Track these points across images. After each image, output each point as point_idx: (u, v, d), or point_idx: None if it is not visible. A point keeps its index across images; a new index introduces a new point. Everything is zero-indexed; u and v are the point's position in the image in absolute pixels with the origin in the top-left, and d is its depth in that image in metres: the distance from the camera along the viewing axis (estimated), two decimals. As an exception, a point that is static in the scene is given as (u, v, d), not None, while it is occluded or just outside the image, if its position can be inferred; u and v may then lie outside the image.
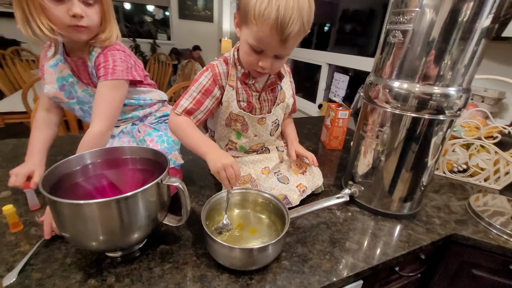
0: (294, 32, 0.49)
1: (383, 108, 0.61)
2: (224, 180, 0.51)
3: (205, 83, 0.59)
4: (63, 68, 0.64)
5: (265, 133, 0.69)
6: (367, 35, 2.50)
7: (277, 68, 0.58)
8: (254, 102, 0.64)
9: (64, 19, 0.53)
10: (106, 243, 0.44)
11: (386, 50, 0.59)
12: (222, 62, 0.61)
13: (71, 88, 0.65)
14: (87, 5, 0.55)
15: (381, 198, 0.66)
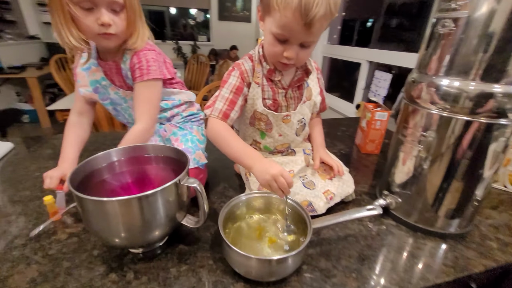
0: (320, 15, 0.46)
1: (427, 109, 0.53)
2: (277, 191, 0.49)
3: (234, 82, 0.58)
4: (96, 71, 0.66)
5: (290, 132, 0.65)
6: (416, 29, 2.27)
7: (303, 58, 0.55)
8: (280, 100, 0.61)
9: (93, 27, 0.55)
10: (127, 240, 0.45)
11: (433, 43, 0.51)
12: (248, 60, 0.60)
13: (104, 90, 0.69)
14: (114, 13, 0.56)
15: (423, 212, 0.58)
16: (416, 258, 0.52)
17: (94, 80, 0.67)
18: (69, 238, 0.53)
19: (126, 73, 0.65)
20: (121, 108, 0.71)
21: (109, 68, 0.66)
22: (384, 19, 2.54)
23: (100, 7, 0.54)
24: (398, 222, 0.61)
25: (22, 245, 0.51)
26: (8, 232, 0.54)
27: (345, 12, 2.68)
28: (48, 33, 4.17)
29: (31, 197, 0.65)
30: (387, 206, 0.62)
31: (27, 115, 3.37)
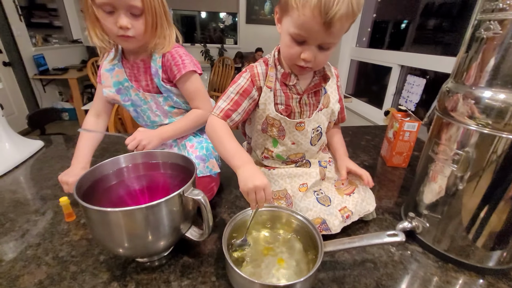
0: (341, 14, 0.42)
1: (464, 124, 0.46)
2: (252, 202, 0.46)
3: (243, 83, 0.56)
4: (119, 73, 0.68)
5: (304, 141, 0.60)
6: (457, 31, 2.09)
7: (322, 61, 0.52)
8: (293, 106, 0.57)
9: (113, 29, 0.57)
10: (130, 250, 0.44)
11: (473, 48, 0.44)
12: (262, 63, 0.58)
13: (126, 91, 0.70)
14: (133, 17, 0.58)
15: (456, 240, 0.51)
16: (445, 294, 0.45)
17: (117, 81, 0.68)
18: (80, 240, 0.54)
19: (156, 71, 0.66)
20: (140, 109, 0.72)
21: (136, 67, 0.68)
22: (420, 20, 2.37)
23: (119, 11, 0.56)
24: (425, 249, 0.54)
25: (36, 245, 0.53)
26: (25, 230, 0.57)
27: (376, 14, 2.55)
28: (88, 37, 4.50)
29: (51, 196, 0.68)
30: (412, 229, 0.55)
31: (67, 113, 3.65)
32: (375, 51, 2.36)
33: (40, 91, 3.48)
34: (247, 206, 0.65)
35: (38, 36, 3.57)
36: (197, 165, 0.64)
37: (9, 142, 0.84)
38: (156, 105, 0.70)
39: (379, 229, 0.60)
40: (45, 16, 4.14)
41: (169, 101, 0.70)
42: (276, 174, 0.62)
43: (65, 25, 4.21)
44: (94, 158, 0.88)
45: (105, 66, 0.69)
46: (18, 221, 0.59)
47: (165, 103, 0.70)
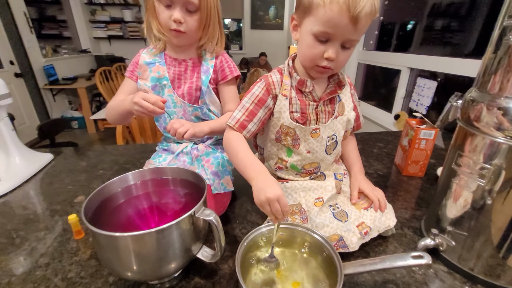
0: (366, 10, 0.45)
1: (491, 136, 0.43)
2: (269, 214, 0.45)
3: (258, 93, 0.56)
4: (161, 69, 0.67)
5: (319, 149, 0.59)
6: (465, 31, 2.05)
7: (343, 61, 0.52)
8: (309, 113, 0.57)
9: (167, 22, 0.60)
10: (139, 274, 0.42)
11: (500, 55, 0.41)
12: (276, 72, 0.58)
13: (160, 90, 0.69)
14: (188, 13, 0.60)
15: (484, 259, 0.47)
16: (476, 321, 0.42)
17: (156, 77, 0.68)
18: (89, 260, 0.53)
19: (207, 69, 0.69)
20: (166, 111, 0.69)
21: (184, 65, 0.69)
22: (427, 21, 2.33)
23: (176, 5, 0.59)
24: (451, 268, 0.51)
25: (45, 265, 0.52)
26: (35, 249, 0.56)
27: (383, 16, 2.52)
28: (97, 47, 4.59)
29: (61, 212, 0.67)
30: (435, 247, 0.52)
31: (76, 122, 3.71)
32: (383, 54, 2.32)
33: (50, 101, 3.55)
34: (259, 221, 0.64)
35: (48, 47, 3.66)
36: (212, 181, 0.63)
37: (19, 156, 0.84)
38: (183, 112, 0.70)
39: (399, 245, 0.57)
40: (54, 28, 4.26)
41: (197, 112, 0.70)
42: (289, 187, 0.60)
43: (73, 35, 4.31)
44: (103, 171, 0.88)
45: (145, 58, 0.68)
46: (28, 238, 0.58)
47: (193, 113, 0.70)
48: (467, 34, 2.02)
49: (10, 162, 0.81)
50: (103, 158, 0.97)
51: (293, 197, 0.58)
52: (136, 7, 4.41)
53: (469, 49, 2.00)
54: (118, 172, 0.87)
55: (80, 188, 0.78)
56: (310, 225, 0.53)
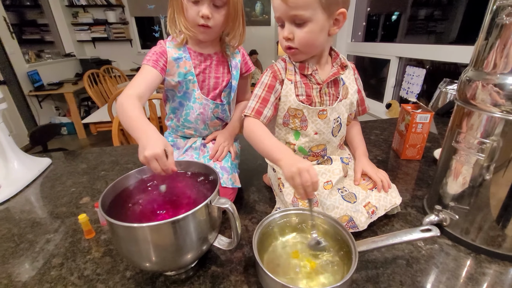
0: None
1: (488, 112, 0.46)
2: (299, 187, 0.45)
3: (266, 81, 0.59)
4: (187, 65, 0.67)
5: (326, 130, 0.61)
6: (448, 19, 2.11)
7: (303, 39, 0.53)
8: (314, 95, 0.59)
9: (195, 18, 0.61)
10: (158, 264, 0.43)
11: (493, 36, 0.44)
12: (280, 61, 0.62)
13: (185, 84, 0.68)
14: (215, 8, 0.61)
15: (486, 231, 0.50)
16: (482, 287, 0.44)
17: (183, 73, 0.67)
18: (103, 257, 0.53)
19: (237, 64, 0.72)
20: (186, 104, 0.70)
21: (210, 59, 0.70)
22: (411, 10, 2.38)
23: (204, 1, 0.59)
24: (455, 241, 0.54)
25: (59, 265, 0.51)
26: (46, 250, 0.55)
27: (370, 8, 2.56)
28: (81, 50, 4.48)
29: (68, 214, 0.67)
30: (439, 222, 0.55)
31: (65, 127, 3.62)
32: (371, 45, 2.37)
33: (36, 107, 3.45)
34: (268, 210, 0.65)
35: (31, 52, 3.55)
36: (221, 175, 0.64)
37: (17, 161, 0.82)
38: (203, 109, 0.70)
39: (405, 223, 0.59)
40: (36, 32, 4.13)
41: (217, 109, 0.71)
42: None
43: (56, 39, 4.19)
44: (105, 172, 0.87)
45: (172, 54, 0.66)
46: (37, 241, 0.58)
47: (213, 110, 0.71)
48: (450, 22, 2.08)
49: (9, 168, 0.80)
50: (103, 160, 0.96)
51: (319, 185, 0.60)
52: (119, 7, 4.32)
53: (453, 36, 2.07)
54: (120, 172, 0.86)
55: (83, 189, 0.77)
56: (321, 207, 0.55)
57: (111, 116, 1.80)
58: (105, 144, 3.23)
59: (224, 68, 0.71)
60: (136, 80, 0.62)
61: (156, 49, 0.66)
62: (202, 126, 0.73)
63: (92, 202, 0.71)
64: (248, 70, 0.76)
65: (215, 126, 0.76)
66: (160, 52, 0.65)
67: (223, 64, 0.71)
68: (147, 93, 0.61)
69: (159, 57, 0.65)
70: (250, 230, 0.59)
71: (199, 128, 0.73)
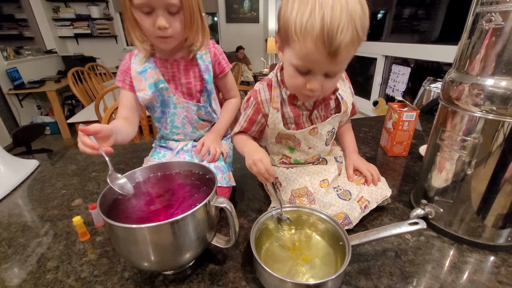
0: (346, 42, 0.41)
1: (470, 112, 0.49)
2: (258, 175, 0.53)
3: (249, 113, 0.61)
4: (154, 74, 0.65)
5: (319, 143, 0.63)
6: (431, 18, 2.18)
7: (329, 89, 0.51)
8: (303, 122, 0.60)
9: (152, 30, 0.57)
10: (157, 264, 0.44)
11: (474, 40, 0.47)
12: (265, 87, 0.59)
13: (159, 94, 0.68)
14: (171, 15, 0.56)
15: (467, 222, 0.54)
16: (465, 274, 0.48)
17: (153, 83, 0.65)
18: (99, 259, 0.53)
19: (207, 67, 0.68)
20: (168, 112, 0.70)
21: (176, 65, 0.67)
22: (396, 9, 2.45)
23: (157, 11, 0.55)
24: (439, 233, 0.57)
25: (55, 268, 0.51)
26: (40, 254, 0.55)
27: (357, 7, 2.60)
28: (63, 46, 4.32)
29: (60, 216, 0.66)
30: (425, 216, 0.58)
31: (48, 127, 3.50)
32: (359, 44, 2.41)
33: (17, 107, 3.32)
34: (263, 208, 0.67)
35: (9, 49, 3.39)
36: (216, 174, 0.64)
37: (3, 164, 0.80)
38: (186, 112, 0.69)
39: (393, 217, 0.62)
40: (14, 27, 3.95)
41: (201, 111, 0.70)
42: (295, 173, 0.63)
43: (36, 35, 4.02)
44: (96, 173, 0.86)
45: (136, 68, 0.65)
46: (29, 245, 0.57)
47: (197, 112, 0.70)
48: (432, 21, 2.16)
49: (-6, 171, 0.77)
50: (93, 161, 0.95)
51: (298, 182, 0.61)
52: (103, 2, 4.20)
53: (435, 35, 2.14)
54: (112, 173, 0.85)
55: (75, 191, 0.76)
56: (318, 205, 0.57)
57: (99, 116, 1.75)
58: (91, 143, 3.15)
59: (194, 72, 0.68)
60: (119, 107, 0.69)
61: (121, 66, 0.68)
62: (190, 129, 0.73)
63: (85, 204, 0.71)
64: (222, 71, 0.71)
65: (204, 128, 0.75)
66: (124, 70, 0.67)
67: (193, 68, 0.67)
68: (131, 113, 0.68)
69: (125, 76, 0.67)
70: (246, 227, 0.60)
71: (188, 132, 0.73)
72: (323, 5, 0.39)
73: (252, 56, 4.93)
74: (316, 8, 0.40)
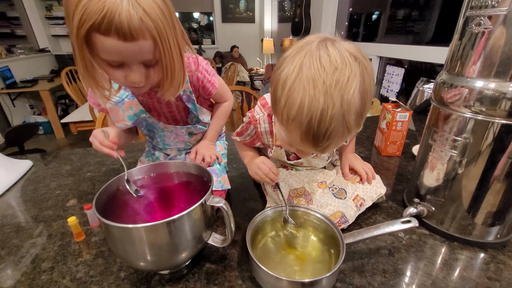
0: (333, 143, 0.38)
1: (460, 113, 0.50)
2: (264, 178, 0.55)
3: (248, 139, 0.65)
4: (133, 104, 0.60)
5: (321, 163, 0.66)
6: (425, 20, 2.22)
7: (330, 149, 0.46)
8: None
9: (121, 81, 0.47)
10: (153, 264, 0.44)
11: (465, 42, 0.48)
12: (265, 119, 0.57)
13: (144, 121, 0.65)
14: (147, 68, 0.47)
15: (458, 220, 0.55)
16: (456, 271, 0.49)
17: (133, 114, 0.60)
18: (95, 259, 0.53)
19: (188, 97, 0.61)
20: (157, 134, 0.70)
21: (155, 97, 0.60)
22: (390, 10, 2.48)
23: (131, 65, 0.45)
24: (431, 231, 0.58)
25: (50, 269, 0.51)
26: (34, 254, 0.54)
27: (352, 7, 2.63)
28: (57, 45, 4.27)
29: (54, 217, 0.65)
30: (418, 214, 0.59)
31: (41, 127, 3.45)
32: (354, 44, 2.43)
33: (9, 106, 3.27)
34: (259, 207, 0.67)
35: (1, 47, 3.34)
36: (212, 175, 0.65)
37: (-4, 165, 0.79)
38: (176, 135, 0.68)
39: (387, 216, 0.63)
40: (5, 26, 3.89)
41: (191, 129, 0.69)
42: (294, 174, 0.64)
43: (29, 34, 3.96)
44: (91, 174, 0.86)
45: (108, 102, 0.58)
46: (24, 246, 0.56)
47: (187, 131, 0.69)
48: (426, 22, 2.19)
49: (-13, 171, 0.76)
50: (88, 161, 0.94)
51: (297, 182, 0.62)
52: (98, 1, 4.15)
53: (429, 36, 2.18)
54: (107, 173, 0.85)
55: (69, 191, 0.76)
56: (315, 205, 0.58)
57: (93, 116, 1.74)
58: (85, 144, 3.12)
59: (177, 100, 0.61)
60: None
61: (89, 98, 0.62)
62: (182, 144, 0.72)
63: (80, 204, 0.70)
64: (209, 94, 0.66)
65: (197, 138, 0.74)
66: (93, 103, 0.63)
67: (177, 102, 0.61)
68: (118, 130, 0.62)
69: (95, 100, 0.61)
70: (242, 227, 0.61)
71: (181, 146, 0.73)
72: (313, 103, 0.34)
73: (247, 55, 4.93)
74: (305, 104, 0.35)
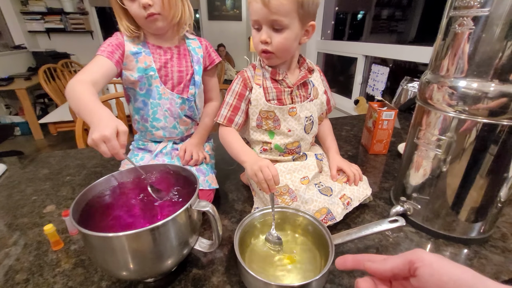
0: None
1: (444, 112, 0.51)
2: (262, 182, 0.51)
3: (237, 89, 0.63)
4: (147, 60, 0.64)
5: (299, 127, 0.64)
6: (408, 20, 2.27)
7: (280, 44, 0.55)
8: (285, 98, 0.62)
9: (139, 12, 0.59)
10: (136, 273, 0.42)
11: (448, 42, 0.48)
12: (250, 67, 0.64)
13: (146, 81, 0.66)
14: None
15: (443, 217, 0.56)
16: (441, 267, 0.50)
17: (143, 68, 0.64)
18: (74, 268, 0.50)
19: (199, 59, 0.70)
20: (151, 103, 0.67)
21: (170, 53, 0.68)
22: (375, 10, 2.52)
23: None
24: (417, 228, 0.59)
25: (24, 281, 0.48)
26: (8, 266, 0.51)
27: (338, 7, 2.66)
28: (34, 41, 4.07)
29: (30, 225, 0.61)
30: (404, 212, 0.60)
31: (18, 128, 3.28)
32: (340, 43, 2.46)
33: (-18, 106, 3.08)
34: (246, 209, 0.66)
35: (-28, 43, 3.15)
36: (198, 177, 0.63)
37: (-36, 170, 0.74)
38: (170, 105, 0.68)
39: (374, 215, 0.64)
40: (-23, 20, 3.66)
41: (184, 105, 0.69)
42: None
43: (3, 29, 3.75)
44: (71, 177, 0.82)
45: (130, 48, 0.64)
46: (-5, 258, 0.53)
47: (181, 106, 0.69)
48: (409, 22, 2.24)
49: (-46, 177, 0.71)
50: (68, 164, 0.90)
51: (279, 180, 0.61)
52: (77, -4, 3.99)
53: (412, 36, 2.23)
54: (88, 177, 0.81)
55: (46, 197, 0.72)
56: (300, 201, 0.57)
57: (74, 116, 1.67)
58: (66, 145, 3.00)
59: (187, 61, 0.69)
60: (90, 66, 0.59)
61: (112, 40, 0.63)
62: (171, 124, 0.70)
63: (58, 210, 0.67)
64: (212, 63, 0.74)
65: (186, 126, 0.73)
66: (116, 44, 0.62)
67: (185, 57, 0.70)
68: (101, 81, 0.58)
69: (115, 49, 0.62)
70: (230, 229, 0.59)
71: (169, 127, 0.70)
72: None
73: (234, 53, 4.89)
74: None
